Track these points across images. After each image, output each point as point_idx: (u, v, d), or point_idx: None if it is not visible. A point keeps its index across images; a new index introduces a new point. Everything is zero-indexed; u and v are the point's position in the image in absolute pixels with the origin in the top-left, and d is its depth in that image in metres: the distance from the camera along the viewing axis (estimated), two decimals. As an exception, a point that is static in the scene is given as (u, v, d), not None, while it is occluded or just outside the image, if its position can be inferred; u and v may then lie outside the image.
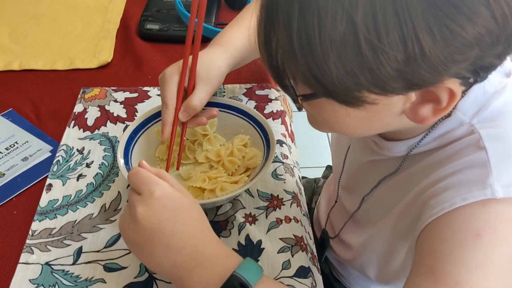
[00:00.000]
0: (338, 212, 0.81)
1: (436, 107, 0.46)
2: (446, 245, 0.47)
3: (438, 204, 0.49)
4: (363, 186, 0.69)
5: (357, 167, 0.71)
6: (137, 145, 0.73)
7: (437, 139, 0.55)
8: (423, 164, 0.56)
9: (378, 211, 0.67)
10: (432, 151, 0.56)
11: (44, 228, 0.68)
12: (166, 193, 0.52)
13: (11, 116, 0.87)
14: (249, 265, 0.51)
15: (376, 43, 0.39)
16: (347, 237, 0.78)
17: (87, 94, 0.91)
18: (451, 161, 0.52)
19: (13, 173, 0.76)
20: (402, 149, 0.59)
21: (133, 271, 0.63)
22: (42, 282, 0.61)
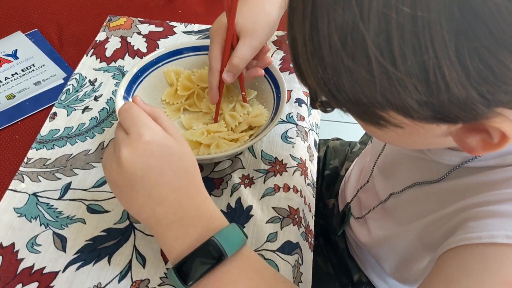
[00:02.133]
0: (367, 194, 0.74)
1: (487, 139, 0.37)
2: (466, 279, 0.40)
3: (477, 230, 0.41)
4: (397, 180, 0.61)
5: (399, 156, 0.62)
6: (143, 84, 0.69)
7: (498, 157, 0.45)
8: (474, 180, 0.48)
9: (406, 213, 0.59)
10: (488, 168, 0.46)
11: (40, 157, 0.67)
12: (156, 138, 0.47)
13: (35, 37, 0.85)
14: (231, 232, 0.47)
15: (390, 69, 0.30)
16: (370, 223, 0.71)
17: (113, 22, 0.87)
18: (508, 186, 0.43)
19: (23, 96, 0.75)
20: (455, 158, 0.50)
21: (114, 216, 0.61)
22: (25, 213, 0.61)
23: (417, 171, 0.57)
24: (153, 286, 0.55)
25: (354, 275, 0.79)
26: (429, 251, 0.54)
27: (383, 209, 0.66)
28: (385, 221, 0.66)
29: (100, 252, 0.58)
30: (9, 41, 0.84)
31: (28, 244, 0.58)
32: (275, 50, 0.82)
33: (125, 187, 0.48)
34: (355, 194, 0.77)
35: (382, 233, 0.66)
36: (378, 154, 0.69)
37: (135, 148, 0.46)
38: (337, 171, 0.93)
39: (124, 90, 0.66)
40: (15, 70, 0.79)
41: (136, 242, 0.59)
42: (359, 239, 0.74)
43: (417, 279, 0.60)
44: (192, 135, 0.64)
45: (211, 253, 0.45)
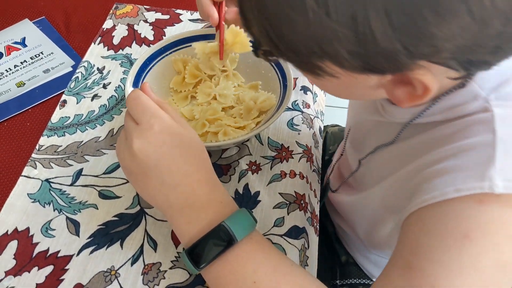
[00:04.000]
0: (342, 166, 0.77)
1: (412, 92, 0.40)
2: (429, 241, 0.42)
3: (430, 191, 0.43)
4: (363, 148, 0.64)
5: (363, 125, 0.65)
6: (151, 72, 0.70)
7: (444, 111, 0.47)
8: (425, 137, 0.50)
9: (371, 178, 0.62)
10: (437, 123, 0.48)
11: (51, 144, 0.68)
12: (166, 127, 0.49)
13: (42, 25, 0.86)
14: (240, 217, 0.49)
15: (324, 18, 0.33)
16: (343, 194, 0.74)
17: (119, 10, 0.87)
18: (455, 139, 0.44)
19: (33, 84, 0.76)
20: (405, 116, 0.51)
21: (126, 202, 0.63)
22: (39, 198, 0.63)
23: (378, 135, 0.59)
24: (164, 269, 0.57)
25: (341, 257, 0.81)
26: (392, 214, 0.55)
27: (354, 178, 0.69)
28: (355, 190, 0.69)
29: (112, 237, 0.59)
30: (17, 29, 0.85)
31: (43, 228, 0.60)
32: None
33: (139, 175, 0.49)
34: (332, 169, 0.80)
35: (352, 200, 0.68)
36: (349, 128, 0.71)
37: (147, 138, 0.48)
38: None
39: (133, 79, 0.67)
40: (24, 58, 0.80)
41: (147, 227, 0.60)
42: (339, 212, 0.77)
43: (385, 243, 0.62)
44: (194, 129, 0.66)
45: (222, 237, 0.47)
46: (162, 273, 0.57)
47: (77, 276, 0.56)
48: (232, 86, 0.71)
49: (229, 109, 0.70)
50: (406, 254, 0.43)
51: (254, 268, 0.47)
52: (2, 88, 0.75)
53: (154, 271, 0.57)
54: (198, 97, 0.71)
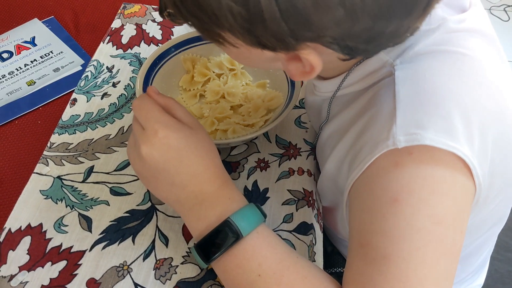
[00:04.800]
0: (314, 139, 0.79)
1: (301, 68, 0.42)
2: (367, 214, 0.44)
3: (358, 163, 0.45)
4: (315, 129, 0.66)
5: (308, 106, 0.68)
6: (160, 71, 0.72)
7: (360, 81, 0.50)
8: (350, 109, 0.52)
9: (323, 159, 0.63)
10: (356, 94, 0.51)
11: (62, 142, 0.69)
12: (171, 133, 0.49)
13: (52, 24, 0.87)
14: (247, 212, 0.50)
15: None
16: None
17: (127, 10, 0.88)
18: (369, 107, 0.47)
19: (43, 83, 0.77)
20: (329, 89, 0.55)
21: (137, 198, 0.64)
22: (51, 195, 0.64)
23: (318, 114, 0.62)
24: (176, 264, 0.58)
25: (327, 248, 0.83)
26: (342, 195, 0.55)
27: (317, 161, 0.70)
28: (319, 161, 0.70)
29: (124, 232, 0.60)
30: (27, 28, 0.86)
31: (55, 224, 0.61)
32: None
33: (149, 177, 0.51)
34: None
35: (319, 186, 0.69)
36: None
37: (153, 144, 0.49)
38: None
39: (144, 78, 0.68)
40: (34, 57, 0.81)
41: (158, 223, 0.61)
42: None
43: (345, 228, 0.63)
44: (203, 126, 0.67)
45: (228, 233, 0.48)
46: (173, 268, 0.58)
47: (90, 271, 0.57)
48: (240, 84, 0.72)
49: (237, 108, 0.71)
50: (355, 233, 0.45)
51: (259, 262, 0.48)
52: (13, 86, 0.76)
53: (165, 266, 0.58)
54: (207, 96, 0.72)
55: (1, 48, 0.82)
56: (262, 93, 0.71)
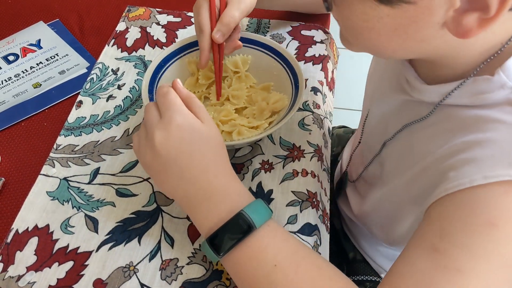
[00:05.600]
0: (359, 156, 0.78)
1: (482, 16, 0.40)
2: (455, 226, 0.44)
3: (457, 178, 0.45)
4: (388, 128, 0.64)
5: (387, 104, 0.65)
6: (165, 74, 0.72)
7: (472, 96, 0.48)
8: (452, 121, 0.51)
9: (396, 163, 0.62)
10: (464, 107, 0.50)
11: (68, 144, 0.70)
12: (186, 124, 0.51)
13: (57, 27, 0.87)
14: (258, 206, 0.51)
15: None
16: (362, 185, 0.75)
17: (132, 13, 0.89)
18: (480, 128, 0.46)
19: (49, 85, 0.78)
20: (433, 95, 0.53)
21: (142, 199, 0.64)
22: (58, 196, 0.64)
23: (404, 114, 0.59)
24: (181, 264, 0.58)
25: (349, 253, 0.83)
26: (415, 205, 0.56)
27: (378, 163, 0.69)
28: (376, 179, 0.69)
29: (130, 233, 0.61)
30: (32, 31, 0.86)
31: (62, 225, 0.62)
32: (290, 40, 0.84)
33: (159, 171, 0.52)
34: (349, 159, 0.81)
35: (374, 191, 0.69)
36: (366, 115, 0.72)
37: (168, 131, 0.51)
38: (338, 157, 0.97)
39: (149, 80, 0.69)
40: (39, 60, 0.82)
41: (164, 224, 0.62)
42: (353, 207, 0.78)
43: (404, 238, 0.63)
44: None
45: (241, 225, 0.49)
46: (179, 268, 0.58)
47: (96, 271, 0.58)
48: (245, 87, 0.73)
49: (242, 110, 0.72)
50: (431, 237, 0.45)
51: (274, 252, 0.49)
52: (19, 89, 0.77)
53: (171, 267, 0.58)
54: (211, 98, 0.73)
55: (7, 50, 0.82)
56: (267, 95, 0.72)
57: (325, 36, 0.86)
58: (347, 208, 0.81)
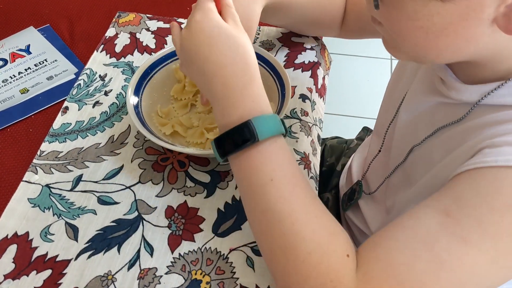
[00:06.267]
0: (380, 165, 0.75)
1: None
2: (476, 198, 0.44)
3: (493, 155, 0.45)
4: (416, 136, 0.62)
5: (415, 113, 0.63)
6: (152, 80, 0.72)
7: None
8: (492, 118, 0.49)
9: (424, 165, 0.60)
10: (505, 107, 0.49)
11: (52, 150, 0.69)
12: (206, 19, 0.54)
13: (47, 32, 0.87)
14: (268, 119, 0.52)
15: None
16: (381, 196, 0.72)
17: (122, 18, 0.89)
18: None
19: (36, 91, 0.78)
20: (473, 94, 0.51)
21: (124, 207, 0.64)
22: (39, 203, 0.64)
23: (436, 118, 0.58)
24: (160, 274, 0.58)
25: None
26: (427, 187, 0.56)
27: (402, 170, 0.66)
28: (399, 188, 0.66)
29: (110, 242, 0.60)
30: (22, 36, 0.86)
31: (42, 233, 0.61)
32: (280, 47, 0.84)
33: (185, 61, 0.57)
34: (367, 169, 0.78)
35: (394, 202, 0.67)
36: (389, 124, 0.70)
37: (189, 26, 0.55)
38: (333, 167, 0.95)
39: (135, 86, 0.68)
40: (28, 65, 0.81)
41: (144, 232, 0.61)
42: (367, 218, 0.75)
43: None
44: (192, 137, 0.67)
45: (245, 134, 0.51)
46: (157, 278, 0.57)
47: (74, 280, 0.57)
48: None
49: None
50: (447, 201, 0.46)
51: (274, 167, 0.51)
52: (6, 94, 0.77)
53: (150, 276, 0.57)
54: (198, 106, 0.72)
55: (-4, 56, 0.82)
56: None
57: (315, 43, 0.85)
58: (358, 220, 0.78)
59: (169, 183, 0.66)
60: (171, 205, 0.64)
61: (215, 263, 0.58)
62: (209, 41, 0.54)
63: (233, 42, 0.54)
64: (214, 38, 0.54)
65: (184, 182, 0.66)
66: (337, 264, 0.48)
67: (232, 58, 0.53)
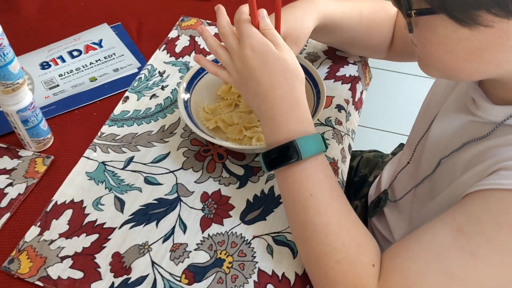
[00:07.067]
0: (407, 176, 0.79)
1: None
2: (487, 217, 0.49)
3: (507, 178, 0.49)
4: (445, 150, 0.66)
5: (447, 129, 0.67)
6: (203, 79, 0.80)
7: None
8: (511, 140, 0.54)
9: (449, 178, 0.64)
10: None
11: (111, 133, 0.79)
12: (256, 43, 0.60)
13: (118, 29, 0.98)
14: (312, 139, 0.59)
15: None
16: (406, 204, 0.77)
17: (184, 22, 0.98)
18: None
19: (103, 80, 0.88)
20: (500, 113, 0.56)
21: (166, 189, 0.72)
22: (95, 177, 0.73)
23: (464, 134, 0.62)
24: (189, 250, 0.65)
25: None
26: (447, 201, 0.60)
27: (429, 181, 0.70)
28: (424, 197, 0.71)
29: (150, 217, 0.69)
30: (96, 32, 0.97)
31: (94, 202, 0.70)
32: (324, 59, 0.90)
33: (241, 85, 0.64)
34: (394, 179, 0.82)
35: (418, 210, 0.71)
36: (420, 138, 0.75)
37: (242, 54, 0.61)
38: (366, 178, 1.00)
39: (186, 84, 0.77)
40: (98, 57, 0.92)
41: (180, 212, 0.69)
42: (391, 225, 0.79)
43: None
44: (232, 133, 0.74)
45: (291, 153, 0.58)
46: (187, 252, 0.65)
47: (116, 245, 0.66)
48: None
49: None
50: (460, 219, 0.51)
51: (314, 184, 0.58)
52: (77, 81, 0.87)
53: (180, 250, 0.65)
54: (241, 106, 0.80)
55: (73, 46, 0.94)
56: None
57: (358, 59, 0.90)
58: (382, 227, 0.84)
59: (207, 172, 0.74)
60: (206, 191, 0.71)
61: (239, 247, 0.65)
62: (260, 67, 0.60)
63: (280, 66, 0.60)
64: (264, 63, 0.60)
65: (221, 172, 0.74)
66: (362, 273, 0.54)
67: (279, 82, 0.60)
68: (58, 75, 0.89)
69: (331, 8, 0.75)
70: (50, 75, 0.89)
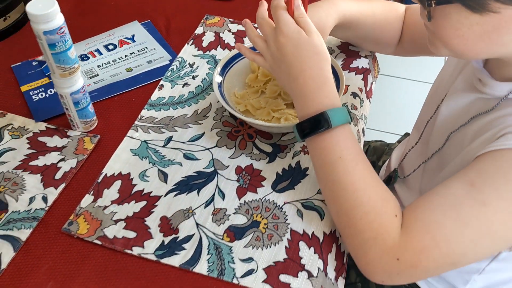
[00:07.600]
0: (416, 154, 0.87)
1: None
2: (497, 172, 0.57)
3: None
4: (454, 125, 0.73)
5: (456, 106, 0.74)
6: (233, 68, 0.89)
7: None
8: None
9: (456, 148, 0.71)
10: None
11: (150, 116, 0.88)
12: (290, 31, 0.69)
13: (148, 26, 1.07)
14: (339, 111, 0.67)
15: None
16: (415, 178, 0.85)
17: (209, 20, 1.08)
18: None
19: (138, 70, 0.97)
20: (504, 89, 0.63)
21: (204, 163, 0.81)
22: (139, 153, 0.82)
23: (473, 108, 0.69)
24: (229, 213, 0.74)
25: None
26: None
27: (438, 156, 0.78)
28: (433, 170, 0.79)
29: (191, 186, 0.77)
30: (128, 28, 1.06)
31: (140, 175, 0.79)
32: (339, 53, 1.00)
33: (275, 67, 0.73)
34: (403, 158, 0.91)
35: (429, 181, 0.79)
36: (428, 119, 0.83)
37: (278, 40, 0.70)
38: (375, 164, 1.09)
39: (219, 71, 0.86)
40: (132, 50, 1.01)
41: (218, 182, 0.78)
42: (402, 198, 0.88)
43: None
44: (260, 115, 0.83)
45: (322, 122, 0.66)
46: (227, 216, 0.74)
47: (163, 210, 0.74)
48: None
49: (291, 105, 0.87)
50: (472, 175, 0.59)
51: (342, 148, 0.67)
52: (115, 71, 0.96)
53: (221, 214, 0.74)
54: (267, 92, 0.89)
55: (108, 41, 1.02)
56: None
57: (369, 53, 1.00)
58: None
59: (239, 149, 0.83)
60: (240, 165, 0.80)
61: (272, 211, 0.74)
62: (293, 51, 0.69)
63: (309, 50, 0.69)
64: (297, 48, 0.68)
65: (252, 149, 0.83)
66: (386, 222, 0.63)
67: (309, 64, 0.69)
68: (97, 66, 0.97)
69: (349, 9, 0.86)
70: (90, 65, 0.97)
